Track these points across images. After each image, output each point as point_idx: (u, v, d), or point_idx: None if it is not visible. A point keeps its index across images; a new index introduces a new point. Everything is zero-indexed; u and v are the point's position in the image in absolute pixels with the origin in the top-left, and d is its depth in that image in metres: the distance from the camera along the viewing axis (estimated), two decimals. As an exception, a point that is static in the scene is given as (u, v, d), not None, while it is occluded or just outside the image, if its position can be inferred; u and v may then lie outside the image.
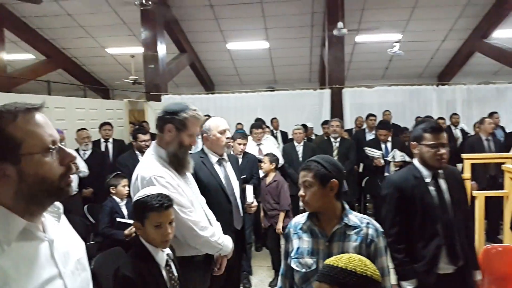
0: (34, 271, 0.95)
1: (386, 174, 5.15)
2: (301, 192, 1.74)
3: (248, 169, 4.18)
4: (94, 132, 5.94)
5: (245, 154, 4.31)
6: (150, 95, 8.70)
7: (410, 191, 2.27)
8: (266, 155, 4.32)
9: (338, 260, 1.22)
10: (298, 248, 1.75)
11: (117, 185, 3.62)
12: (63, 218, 1.14)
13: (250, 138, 5.13)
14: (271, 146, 5.48)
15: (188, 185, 2.22)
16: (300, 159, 5.36)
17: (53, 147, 0.98)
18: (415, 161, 2.37)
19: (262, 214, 4.23)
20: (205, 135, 2.77)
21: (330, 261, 1.24)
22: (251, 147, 4.95)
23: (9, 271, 0.90)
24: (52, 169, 0.98)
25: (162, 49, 8.99)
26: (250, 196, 2.85)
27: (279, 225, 3.99)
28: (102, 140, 5.87)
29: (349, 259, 1.22)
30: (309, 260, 1.70)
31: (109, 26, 10.13)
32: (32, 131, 0.96)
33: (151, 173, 2.01)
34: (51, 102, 5.93)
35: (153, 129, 4.69)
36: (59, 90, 10.23)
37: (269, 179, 4.18)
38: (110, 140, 5.93)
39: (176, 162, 2.13)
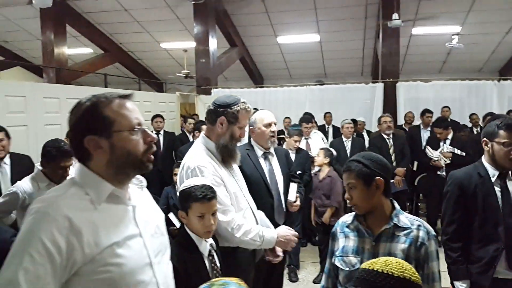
0: (119, 227, 1.16)
1: (439, 172, 4.92)
2: (347, 195, 1.69)
3: (300, 165, 4.15)
4: (147, 124, 6.14)
5: (298, 150, 4.35)
6: (201, 88, 8.84)
7: (473, 189, 2.16)
8: (322, 149, 4.24)
9: (374, 263, 1.18)
10: (343, 247, 1.70)
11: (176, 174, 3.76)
12: (146, 191, 1.37)
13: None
14: (319, 141, 5.39)
15: (234, 177, 2.22)
16: (349, 154, 5.23)
17: (138, 127, 1.19)
18: (483, 159, 2.24)
19: (313, 210, 4.14)
20: (251, 127, 2.77)
21: (366, 265, 1.19)
22: (299, 141, 4.91)
23: (99, 224, 1.11)
24: (137, 145, 1.18)
25: (213, 43, 9.10)
26: (292, 195, 2.80)
27: (326, 220, 3.90)
28: (154, 132, 6.04)
29: (385, 262, 1.17)
30: (353, 259, 1.65)
31: (163, 21, 10.40)
32: (123, 113, 1.17)
33: (196, 163, 2.04)
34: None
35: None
36: (115, 83, 10.69)
37: (322, 174, 4.08)
38: (161, 132, 6.10)
39: (226, 154, 2.16)
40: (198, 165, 2.03)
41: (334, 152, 4.29)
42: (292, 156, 4.01)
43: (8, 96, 4.47)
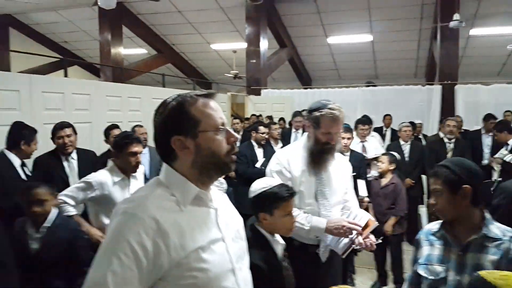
0: (203, 230, 1.12)
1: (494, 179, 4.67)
2: (432, 200, 1.62)
3: (355, 168, 4.01)
4: None
5: (351, 152, 4.14)
6: (251, 89, 8.89)
7: None
8: (385, 154, 4.07)
9: (489, 274, 1.11)
10: (428, 255, 1.63)
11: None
12: (224, 194, 1.34)
13: (353, 134, 4.98)
14: (376, 144, 5.24)
15: (317, 178, 2.22)
16: (407, 159, 5.06)
17: (222, 127, 1.16)
18: None
19: (371, 214, 3.99)
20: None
21: (483, 275, 1.13)
22: (354, 144, 4.77)
23: (184, 227, 1.08)
24: (221, 145, 1.15)
25: (264, 44, 9.15)
26: (363, 191, 2.74)
27: (388, 228, 3.76)
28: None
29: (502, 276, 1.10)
30: (438, 268, 1.58)
31: (215, 23, 10.56)
32: (208, 113, 1.15)
33: (277, 154, 2.30)
34: (165, 94, 6.33)
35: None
36: (168, 83, 10.96)
37: (385, 180, 3.89)
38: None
39: (310, 157, 2.20)
40: (275, 155, 2.26)
41: (398, 156, 4.12)
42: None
43: (75, 94, 4.69)
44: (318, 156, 2.20)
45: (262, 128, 4.71)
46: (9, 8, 10.32)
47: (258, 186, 1.85)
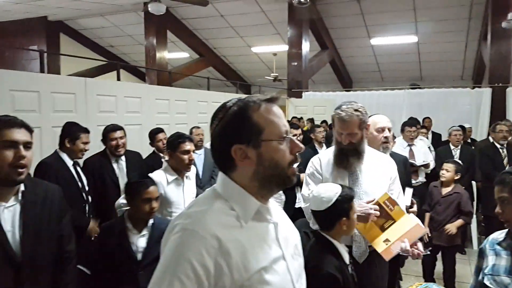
0: (264, 249, 1.02)
1: None
2: (498, 209, 1.57)
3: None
4: None
5: (392, 154, 3.98)
6: (292, 91, 8.88)
7: None
8: (450, 162, 3.85)
9: None
10: (493, 265, 1.58)
11: None
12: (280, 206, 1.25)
13: (399, 137, 4.86)
14: (425, 149, 5.08)
15: (349, 177, 2.21)
16: (457, 164, 4.89)
17: (286, 136, 1.06)
18: None
19: (426, 224, 3.77)
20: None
21: None
22: (400, 147, 4.62)
23: (246, 245, 0.98)
24: (284, 156, 1.05)
25: (305, 46, 9.12)
26: (408, 199, 2.68)
27: (453, 228, 3.54)
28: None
29: None
30: (506, 279, 1.53)
31: (256, 26, 10.64)
32: (272, 120, 1.04)
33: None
34: (210, 97, 6.47)
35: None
36: (211, 87, 11.15)
37: (447, 189, 3.69)
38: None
39: (334, 158, 2.23)
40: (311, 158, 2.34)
41: (433, 164, 3.93)
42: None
43: (127, 97, 4.86)
44: (339, 156, 2.22)
45: (318, 130, 5.13)
46: (61, 15, 10.82)
47: (328, 194, 1.80)
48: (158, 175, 2.79)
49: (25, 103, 3.72)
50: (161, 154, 4.02)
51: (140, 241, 2.33)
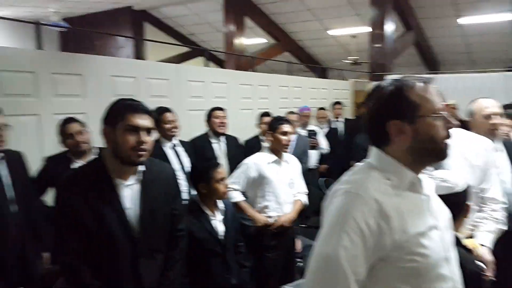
0: (419, 216, 1.12)
1: None
2: None
3: None
4: (313, 111, 6.07)
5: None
6: (374, 75, 8.52)
7: None
8: None
9: None
10: None
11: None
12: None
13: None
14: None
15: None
16: None
17: (441, 113, 1.13)
18: None
19: None
20: (470, 119, 2.50)
21: None
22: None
23: (403, 211, 1.08)
24: (439, 131, 1.12)
25: (389, 27, 8.66)
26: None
27: None
28: (333, 118, 6.05)
29: None
30: None
31: (334, 8, 10.31)
32: (427, 97, 1.13)
33: None
34: (291, 82, 6.42)
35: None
36: (281, 71, 11.08)
37: None
38: (341, 118, 6.06)
39: None
40: None
41: None
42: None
43: (214, 82, 4.97)
44: None
45: None
46: (145, 4, 11.31)
47: (459, 181, 1.65)
48: (256, 157, 2.90)
49: (124, 88, 3.94)
50: (262, 138, 4.21)
51: (217, 224, 2.37)
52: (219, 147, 3.79)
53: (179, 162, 3.31)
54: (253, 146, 3.89)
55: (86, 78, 3.67)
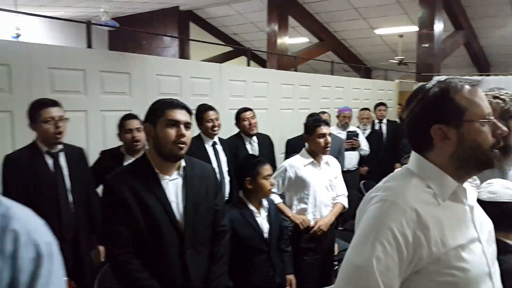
0: (461, 228, 1.05)
1: None
2: None
3: None
4: (356, 111, 5.94)
5: None
6: (421, 76, 8.24)
7: None
8: None
9: None
10: None
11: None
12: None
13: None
14: None
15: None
16: None
17: (489, 118, 1.06)
18: None
19: None
20: None
21: None
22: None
23: (444, 222, 1.02)
24: (487, 138, 1.05)
25: (438, 26, 8.35)
26: None
27: None
28: (377, 120, 5.91)
29: None
30: None
31: (381, 6, 10.07)
32: (475, 101, 1.05)
33: None
34: (333, 82, 6.33)
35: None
36: (323, 71, 10.95)
37: None
38: (384, 120, 5.91)
39: None
40: None
41: None
42: None
43: (255, 82, 4.99)
44: None
45: None
46: (191, 4, 11.53)
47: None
48: (293, 159, 2.88)
49: (168, 87, 4.03)
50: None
51: (262, 221, 2.40)
52: (252, 148, 3.81)
53: (217, 160, 3.35)
54: (295, 145, 3.86)
55: (132, 76, 3.79)
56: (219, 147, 3.45)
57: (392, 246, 0.97)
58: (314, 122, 2.94)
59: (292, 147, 3.94)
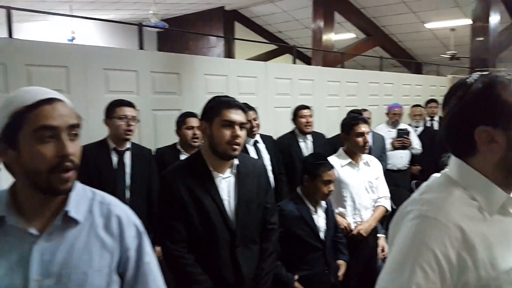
0: (511, 245, 0.91)
1: None
2: None
3: None
4: (406, 108, 5.74)
5: None
6: (474, 71, 7.85)
7: None
8: None
9: None
10: None
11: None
12: None
13: None
14: None
15: None
16: None
17: None
18: None
19: None
20: None
21: None
22: None
23: (492, 241, 0.89)
24: None
25: (494, 19, 7.91)
26: None
27: None
28: (428, 117, 5.70)
29: None
30: None
31: (432, 0, 9.70)
32: None
33: None
34: (382, 78, 6.18)
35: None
36: (370, 67, 10.67)
37: None
38: (436, 117, 5.70)
39: None
40: None
41: None
42: None
43: (301, 80, 4.96)
44: None
45: None
46: (236, 4, 11.64)
47: None
48: (330, 159, 2.81)
49: (215, 86, 4.09)
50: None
51: (319, 220, 2.39)
52: (306, 146, 3.78)
53: (259, 158, 3.37)
54: (335, 143, 3.76)
55: (181, 76, 3.89)
56: (261, 145, 3.47)
57: (434, 270, 0.85)
58: (351, 120, 2.80)
59: (332, 146, 3.81)
